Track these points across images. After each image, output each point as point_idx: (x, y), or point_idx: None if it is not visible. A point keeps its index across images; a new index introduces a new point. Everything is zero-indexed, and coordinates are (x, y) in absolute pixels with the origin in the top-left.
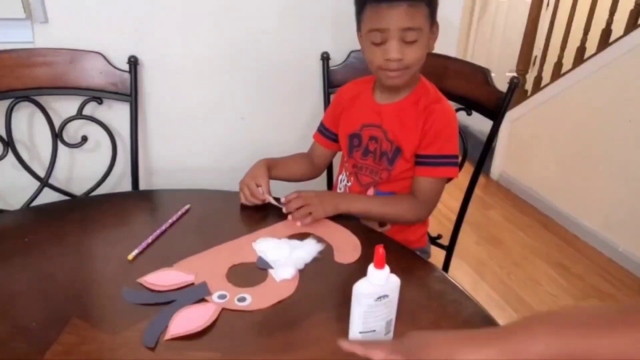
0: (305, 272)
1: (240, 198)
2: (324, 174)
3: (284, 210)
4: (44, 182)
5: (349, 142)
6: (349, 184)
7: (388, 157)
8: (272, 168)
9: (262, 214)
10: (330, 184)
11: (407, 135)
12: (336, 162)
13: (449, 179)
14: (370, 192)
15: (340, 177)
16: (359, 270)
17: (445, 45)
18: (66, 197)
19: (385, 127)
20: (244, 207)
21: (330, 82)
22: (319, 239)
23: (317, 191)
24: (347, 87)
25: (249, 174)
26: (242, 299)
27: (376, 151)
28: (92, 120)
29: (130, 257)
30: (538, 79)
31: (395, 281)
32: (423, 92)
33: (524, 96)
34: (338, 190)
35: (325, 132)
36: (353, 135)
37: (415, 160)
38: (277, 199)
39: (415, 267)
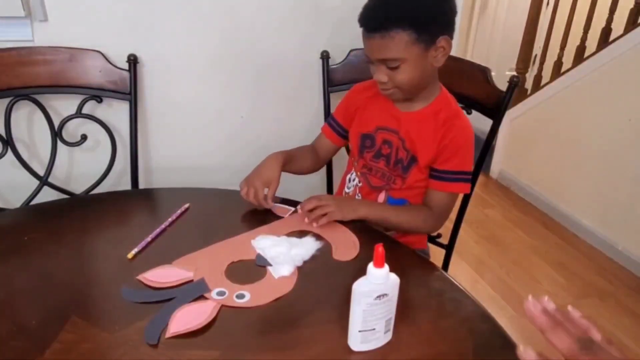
0: (304, 270)
1: (241, 192)
2: (324, 173)
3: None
4: (44, 181)
5: (360, 142)
6: (360, 184)
7: (403, 165)
8: (286, 164)
9: (261, 212)
10: (330, 183)
11: (424, 146)
12: (337, 160)
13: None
14: (382, 196)
15: (349, 176)
16: (358, 268)
17: None
18: (65, 196)
19: (403, 135)
20: (243, 204)
21: (330, 81)
22: (318, 237)
23: (335, 196)
24: (365, 85)
25: (261, 175)
26: (241, 296)
27: (390, 156)
28: (91, 119)
29: (129, 255)
30: (538, 77)
31: (394, 280)
32: (444, 104)
33: (524, 95)
34: (346, 189)
35: (335, 127)
36: (366, 136)
37: (430, 173)
38: (281, 201)
39: (414, 266)
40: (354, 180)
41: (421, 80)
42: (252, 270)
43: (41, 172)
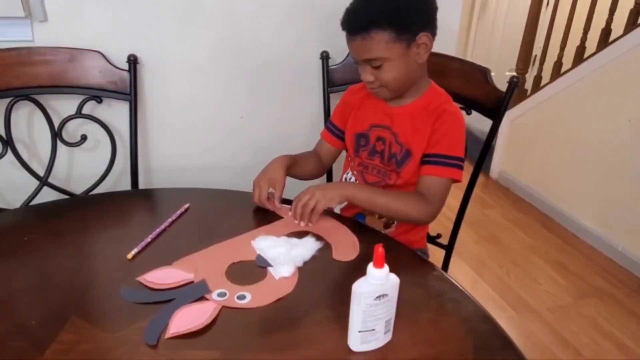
0: (305, 270)
1: (252, 196)
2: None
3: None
4: (44, 181)
5: (355, 141)
6: (356, 182)
7: (397, 160)
8: (290, 167)
9: (261, 213)
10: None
11: (418, 138)
12: (336, 160)
13: (454, 181)
14: None
15: (345, 175)
16: (358, 268)
17: (445, 44)
18: (65, 196)
19: (396, 129)
20: (243, 204)
21: (330, 81)
22: (318, 237)
23: (318, 184)
24: (359, 86)
25: (265, 175)
26: (242, 297)
27: (384, 152)
28: (91, 119)
29: (129, 255)
30: (538, 78)
31: (394, 280)
32: (434, 96)
33: (524, 95)
34: None
35: (333, 130)
36: (360, 135)
37: (421, 159)
38: (282, 202)
39: (414, 266)
40: (350, 179)
41: (407, 78)
42: (252, 271)
43: (41, 173)
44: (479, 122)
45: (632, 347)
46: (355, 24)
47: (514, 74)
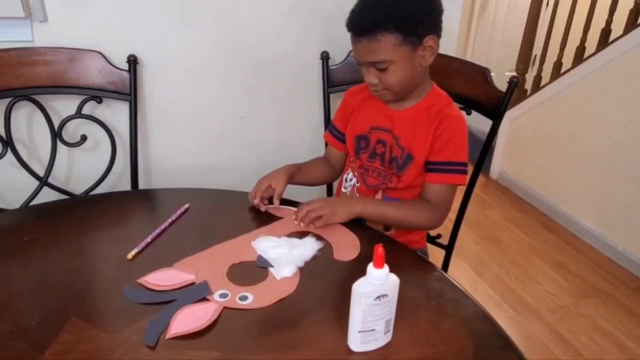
0: (306, 270)
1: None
2: None
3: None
4: (43, 181)
5: (355, 144)
6: (358, 184)
7: (398, 164)
8: (295, 174)
9: (262, 213)
10: (331, 185)
11: (420, 142)
12: None
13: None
14: (378, 196)
15: (346, 176)
16: (358, 268)
17: (445, 44)
18: (65, 196)
19: (397, 133)
20: (243, 205)
21: (330, 81)
22: (318, 237)
23: (328, 198)
24: (359, 88)
25: (268, 175)
26: (244, 298)
27: (384, 155)
28: (91, 120)
29: (129, 256)
30: (538, 78)
31: (394, 280)
32: (435, 100)
33: (524, 96)
34: (343, 190)
35: (335, 133)
36: (360, 137)
37: (425, 167)
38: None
39: (414, 267)
40: (351, 180)
41: (411, 81)
42: (253, 271)
43: (41, 173)
44: (479, 122)
45: (632, 347)
46: (361, 25)
47: (514, 74)
